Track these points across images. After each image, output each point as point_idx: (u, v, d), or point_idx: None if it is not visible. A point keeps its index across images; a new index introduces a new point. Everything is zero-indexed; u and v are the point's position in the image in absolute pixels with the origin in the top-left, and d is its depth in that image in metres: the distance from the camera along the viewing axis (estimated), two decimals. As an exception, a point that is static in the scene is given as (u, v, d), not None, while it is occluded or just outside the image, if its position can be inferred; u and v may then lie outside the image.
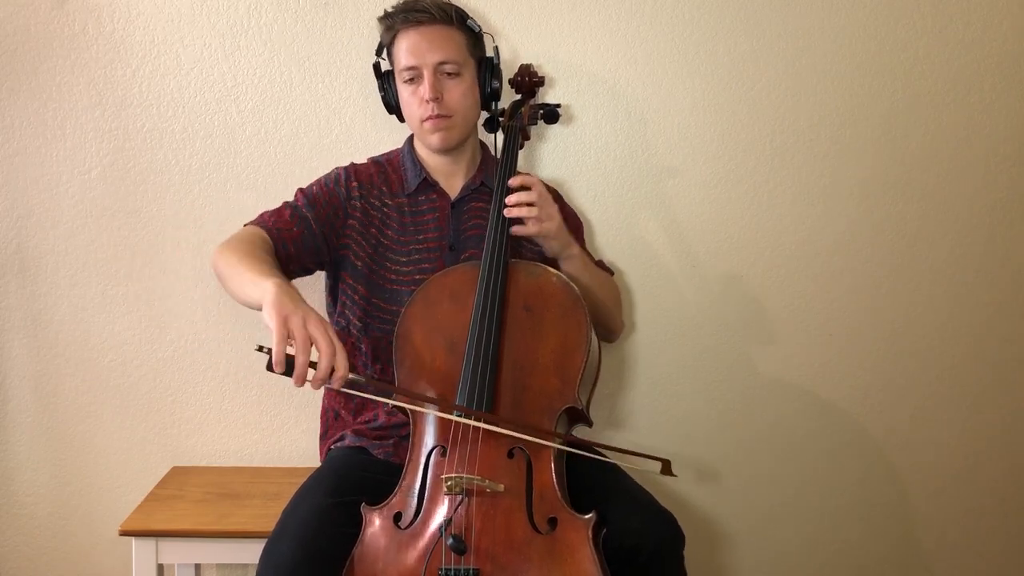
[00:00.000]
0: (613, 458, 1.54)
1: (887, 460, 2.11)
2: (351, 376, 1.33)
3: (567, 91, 1.96)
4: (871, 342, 2.07)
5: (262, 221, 1.63)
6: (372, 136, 1.93)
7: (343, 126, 1.94)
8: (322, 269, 1.71)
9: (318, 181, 1.70)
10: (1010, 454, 2.13)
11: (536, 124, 1.82)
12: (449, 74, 1.62)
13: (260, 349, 1.29)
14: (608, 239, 2.01)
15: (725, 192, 2.01)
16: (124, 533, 1.70)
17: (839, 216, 2.03)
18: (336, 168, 1.72)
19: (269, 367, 1.27)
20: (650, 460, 1.50)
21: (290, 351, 1.28)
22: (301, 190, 1.69)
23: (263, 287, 1.34)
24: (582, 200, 1.99)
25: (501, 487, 1.40)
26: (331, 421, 1.75)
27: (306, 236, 1.63)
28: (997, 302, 2.08)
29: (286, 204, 1.67)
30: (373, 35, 1.89)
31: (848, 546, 2.14)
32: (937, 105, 2.00)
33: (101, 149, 1.93)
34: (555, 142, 1.98)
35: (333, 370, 1.30)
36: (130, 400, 2.00)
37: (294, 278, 1.66)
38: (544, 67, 1.92)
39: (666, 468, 1.49)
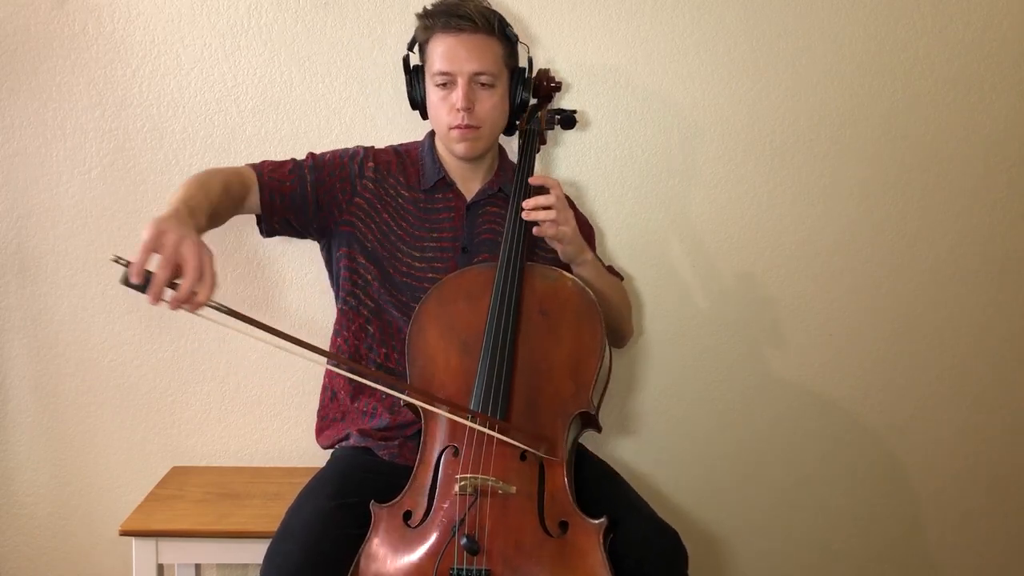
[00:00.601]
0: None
1: (887, 460, 2.12)
2: (213, 303, 1.25)
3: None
4: (871, 342, 2.08)
5: (261, 166, 1.62)
6: (372, 136, 1.93)
7: (343, 126, 1.94)
8: (309, 234, 1.68)
9: (334, 151, 1.69)
10: (1010, 454, 2.13)
11: (552, 129, 1.82)
12: (483, 85, 1.59)
13: (118, 260, 1.20)
14: (608, 240, 2.01)
15: (725, 192, 2.01)
16: (124, 533, 1.70)
17: (839, 216, 2.03)
18: (358, 145, 1.71)
19: (125, 280, 1.20)
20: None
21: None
22: (312, 153, 1.68)
23: (169, 205, 1.30)
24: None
25: (513, 489, 1.40)
26: (327, 402, 1.74)
27: (296, 194, 1.62)
28: (997, 302, 2.08)
29: (292, 159, 1.66)
30: (373, 35, 1.90)
31: (848, 546, 2.14)
32: (937, 105, 2.00)
33: (101, 149, 1.93)
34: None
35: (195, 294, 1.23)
36: (130, 400, 2.00)
37: (277, 233, 1.65)
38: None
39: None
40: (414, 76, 1.67)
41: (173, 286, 1.23)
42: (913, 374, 2.09)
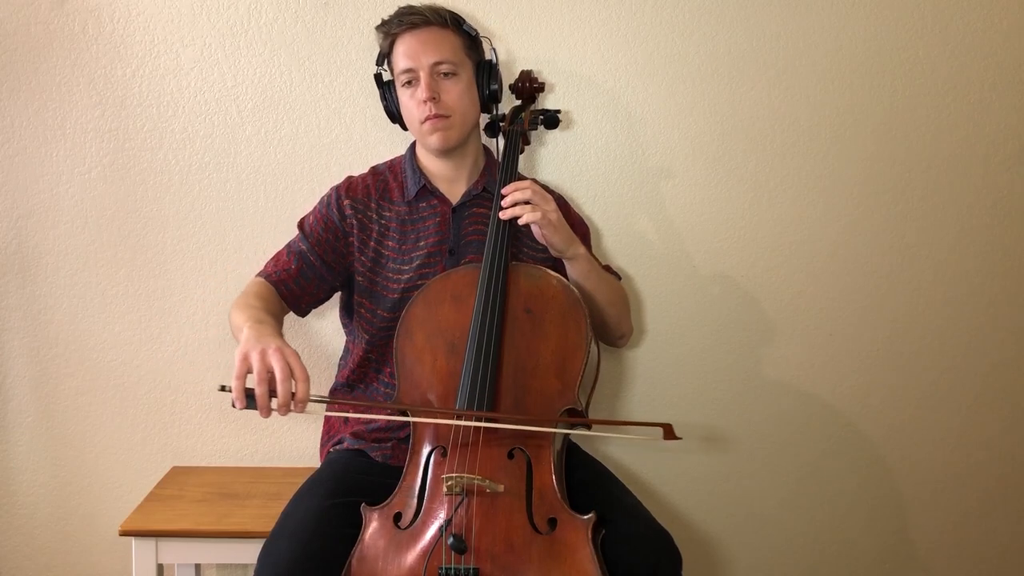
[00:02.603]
0: (612, 431, 1.55)
1: (887, 460, 2.12)
2: (314, 397, 1.35)
3: (567, 95, 1.96)
4: (871, 342, 2.08)
5: (264, 270, 1.69)
6: (372, 136, 1.93)
7: (343, 126, 1.94)
8: (338, 291, 1.75)
9: (315, 209, 1.73)
10: (1010, 454, 2.13)
11: (536, 129, 1.83)
12: (445, 74, 1.63)
13: (223, 389, 1.33)
14: (608, 241, 2.01)
15: (725, 192, 2.01)
16: (124, 533, 1.70)
17: (839, 216, 2.03)
18: (331, 188, 1.73)
19: (234, 405, 1.31)
20: (650, 427, 1.47)
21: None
22: (300, 223, 1.72)
23: (242, 333, 1.41)
24: (582, 202, 1.99)
25: (501, 487, 1.40)
26: (340, 425, 1.75)
27: (304, 270, 1.67)
28: (997, 302, 2.08)
29: (286, 244, 1.71)
30: (373, 35, 1.88)
31: (847, 546, 2.14)
32: (937, 105, 2.00)
33: (101, 149, 1.93)
34: (555, 146, 1.98)
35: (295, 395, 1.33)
36: (130, 400, 2.00)
37: (311, 310, 1.72)
38: (544, 72, 1.92)
39: (669, 433, 1.45)
40: (387, 90, 1.71)
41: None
42: (913, 374, 2.09)
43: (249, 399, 1.31)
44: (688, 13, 1.94)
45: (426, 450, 1.48)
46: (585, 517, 1.38)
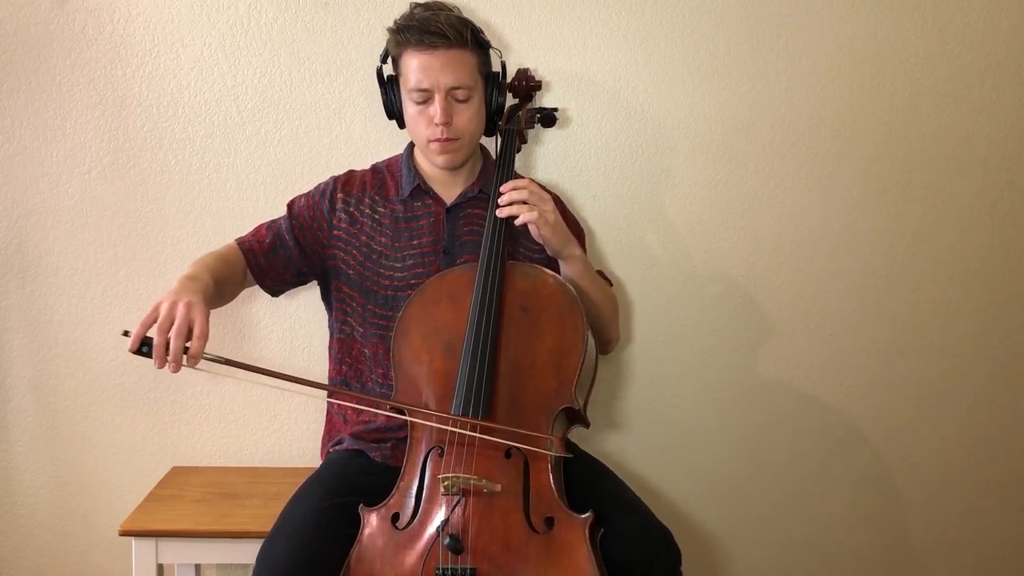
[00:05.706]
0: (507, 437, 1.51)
1: (887, 461, 2.12)
2: (208, 356, 1.35)
3: (565, 95, 1.96)
4: (871, 342, 2.07)
5: (242, 236, 1.70)
6: (372, 136, 1.93)
7: (343, 126, 1.94)
8: (308, 279, 1.74)
9: (308, 193, 1.73)
10: (1010, 455, 2.13)
11: (533, 128, 1.82)
12: (460, 99, 1.59)
13: (125, 334, 1.35)
14: (608, 240, 2.01)
15: (725, 193, 2.01)
16: (124, 533, 1.70)
17: (839, 216, 2.03)
18: (330, 177, 1.74)
19: (131, 350, 1.34)
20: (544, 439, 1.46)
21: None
22: (289, 204, 1.72)
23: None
24: (581, 202, 1.99)
25: (498, 487, 1.40)
26: (340, 424, 1.75)
27: (278, 247, 1.67)
28: (997, 302, 2.08)
29: (271, 219, 1.72)
30: (373, 35, 1.90)
31: (847, 547, 2.14)
32: (937, 105, 2.00)
33: (101, 149, 1.93)
34: (555, 145, 1.98)
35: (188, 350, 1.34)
36: (130, 400, 2.00)
37: (282, 290, 1.72)
38: (541, 71, 1.91)
39: (558, 446, 1.45)
40: (388, 87, 1.67)
41: (186, 350, 1.34)
42: (913, 374, 2.09)
43: (146, 347, 1.33)
44: (688, 13, 1.94)
45: (423, 450, 1.47)
46: (582, 516, 1.38)
